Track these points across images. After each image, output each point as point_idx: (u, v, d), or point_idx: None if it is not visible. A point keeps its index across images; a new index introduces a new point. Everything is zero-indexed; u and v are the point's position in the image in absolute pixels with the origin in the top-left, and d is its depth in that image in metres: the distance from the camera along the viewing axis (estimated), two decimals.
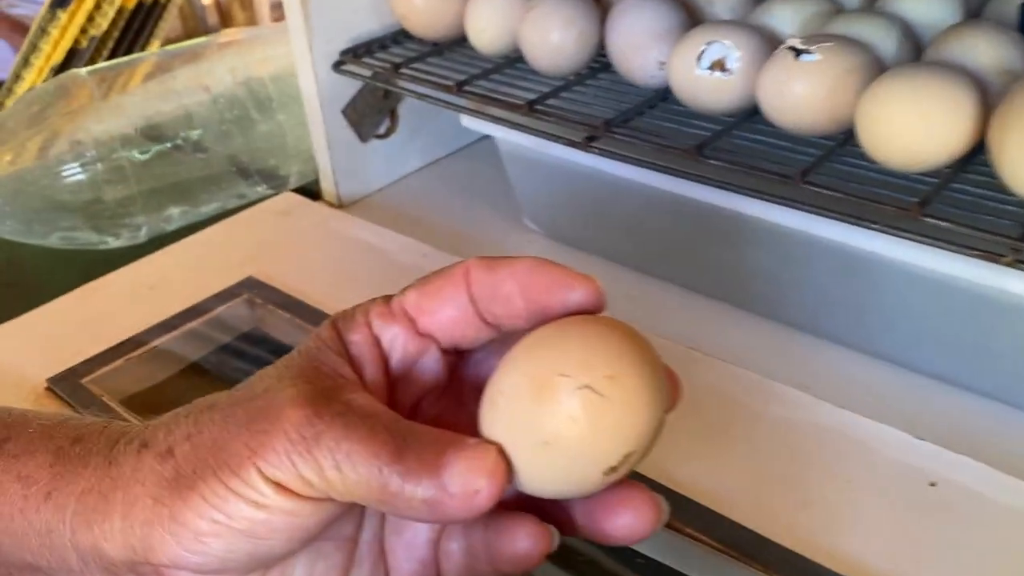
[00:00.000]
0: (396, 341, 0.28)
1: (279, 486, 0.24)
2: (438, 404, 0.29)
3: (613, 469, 0.24)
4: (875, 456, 0.40)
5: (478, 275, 0.27)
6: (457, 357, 0.29)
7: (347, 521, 0.28)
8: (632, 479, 0.26)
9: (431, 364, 0.28)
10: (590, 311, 0.26)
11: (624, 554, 0.38)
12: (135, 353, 0.48)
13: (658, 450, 0.25)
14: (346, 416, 0.25)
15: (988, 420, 0.43)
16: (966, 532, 0.37)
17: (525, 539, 0.27)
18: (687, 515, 0.37)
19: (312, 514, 0.25)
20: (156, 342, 0.49)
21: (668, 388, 0.26)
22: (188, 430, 0.26)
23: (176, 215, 0.65)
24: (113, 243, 0.65)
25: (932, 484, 0.39)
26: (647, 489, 0.26)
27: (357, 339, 0.27)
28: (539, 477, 0.25)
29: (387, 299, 0.28)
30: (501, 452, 0.24)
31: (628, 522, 0.26)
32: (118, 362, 0.48)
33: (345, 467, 0.24)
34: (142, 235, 0.65)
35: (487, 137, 0.67)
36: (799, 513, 0.38)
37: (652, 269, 0.54)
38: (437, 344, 0.28)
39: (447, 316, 0.27)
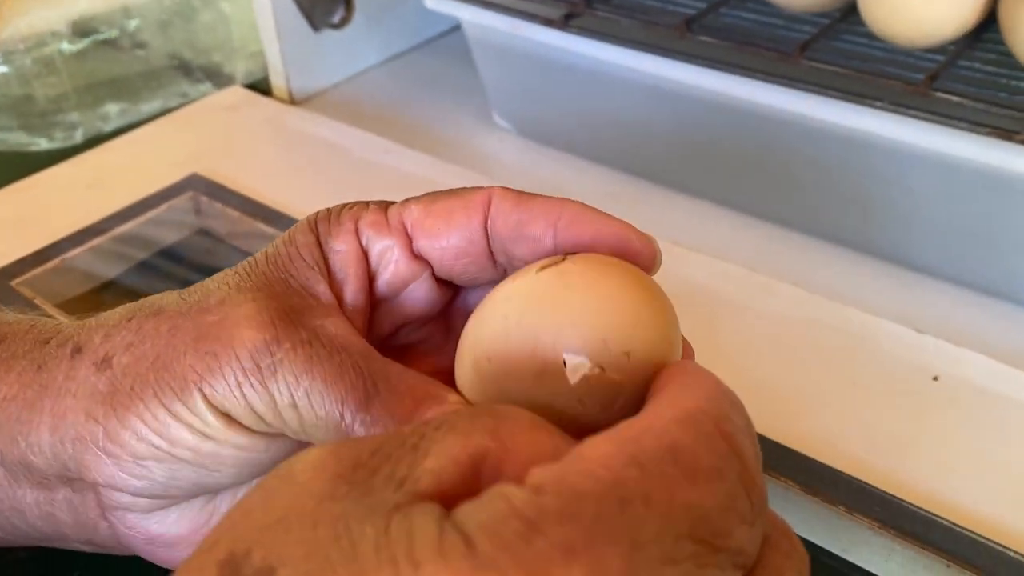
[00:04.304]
0: (388, 257, 0.24)
1: (227, 417, 0.21)
2: (420, 331, 0.26)
3: None
4: (875, 352, 0.38)
5: (504, 205, 0.23)
6: (450, 289, 0.25)
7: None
8: None
9: (422, 292, 0.24)
10: None
11: None
12: (71, 253, 0.44)
13: None
14: (311, 346, 0.21)
15: (990, 315, 0.41)
16: (969, 426, 0.35)
17: None
18: None
19: (265, 450, 0.22)
20: (94, 242, 0.45)
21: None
22: (129, 338, 0.22)
23: (114, 113, 0.60)
24: (46, 144, 0.60)
25: (935, 379, 0.37)
26: None
27: (342, 249, 0.24)
28: None
29: (383, 206, 0.24)
30: None
31: None
32: (53, 262, 0.44)
33: (303, 406, 0.21)
34: (78, 136, 0.60)
35: (454, 30, 0.63)
36: (795, 412, 0.35)
37: (633, 167, 0.51)
38: (431, 270, 0.24)
39: (451, 244, 0.23)
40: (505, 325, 0.20)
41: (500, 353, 0.20)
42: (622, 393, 0.20)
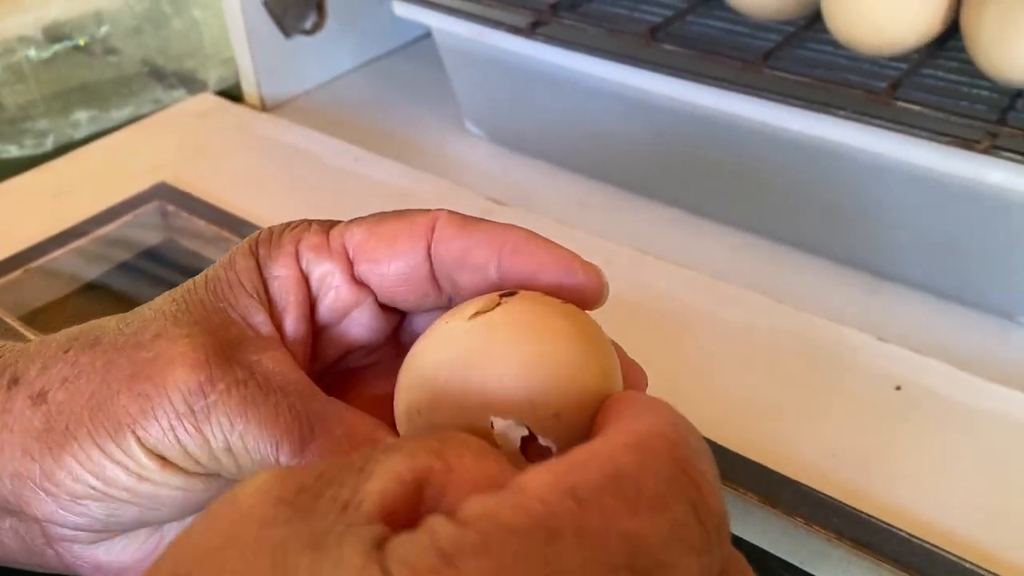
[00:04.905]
0: (328, 282, 0.23)
1: (162, 460, 0.21)
2: (369, 357, 0.25)
3: None
4: (838, 360, 0.38)
5: (447, 232, 0.22)
6: (397, 313, 0.25)
7: None
8: None
9: (365, 319, 0.24)
10: (583, 307, 0.21)
11: None
12: (35, 264, 0.44)
13: None
14: (247, 387, 0.21)
15: (955, 322, 0.41)
16: (932, 435, 0.35)
17: None
18: None
19: (204, 489, 0.22)
20: (59, 252, 0.44)
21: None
22: (65, 372, 0.22)
23: (84, 120, 0.59)
24: (16, 152, 0.59)
25: (897, 388, 0.37)
26: None
27: (282, 275, 0.23)
28: None
29: (324, 227, 0.24)
30: None
31: None
32: (16, 273, 0.43)
33: (237, 449, 0.21)
34: (48, 143, 0.59)
35: (426, 36, 0.63)
36: (759, 421, 0.35)
37: (603, 174, 0.51)
38: (374, 297, 0.24)
39: (393, 270, 0.23)
40: (436, 376, 0.20)
41: (431, 406, 0.20)
42: (554, 454, 0.19)
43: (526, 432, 0.19)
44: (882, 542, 0.30)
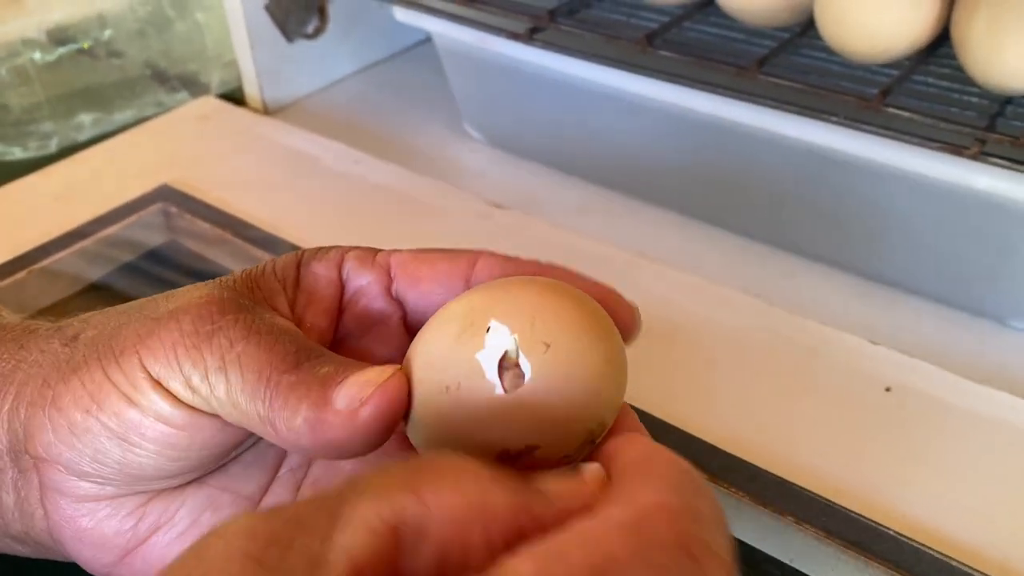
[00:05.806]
0: (363, 292, 0.25)
1: (157, 384, 0.22)
2: None
3: (508, 455, 0.20)
4: (829, 362, 0.38)
5: (493, 260, 0.24)
6: None
7: (250, 477, 0.25)
8: None
9: (391, 337, 0.25)
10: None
11: None
12: (39, 265, 0.44)
13: None
14: (252, 321, 0.22)
15: (944, 326, 0.42)
16: (921, 436, 0.35)
17: None
18: None
19: (185, 427, 0.22)
20: (62, 253, 0.45)
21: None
22: (100, 319, 0.24)
23: (88, 123, 0.60)
24: (20, 154, 0.60)
25: (887, 389, 0.37)
26: None
27: (319, 271, 0.25)
28: (426, 427, 0.21)
29: (373, 248, 0.26)
30: (404, 377, 0.21)
31: None
32: (20, 275, 0.44)
33: (232, 371, 0.21)
34: (52, 146, 0.60)
35: (425, 41, 0.64)
36: (750, 422, 0.36)
37: (600, 178, 0.51)
38: (403, 315, 0.25)
39: (429, 291, 0.24)
40: (457, 300, 0.22)
41: (439, 316, 0.21)
42: (525, 382, 0.19)
43: (513, 346, 0.19)
44: (872, 541, 0.31)
